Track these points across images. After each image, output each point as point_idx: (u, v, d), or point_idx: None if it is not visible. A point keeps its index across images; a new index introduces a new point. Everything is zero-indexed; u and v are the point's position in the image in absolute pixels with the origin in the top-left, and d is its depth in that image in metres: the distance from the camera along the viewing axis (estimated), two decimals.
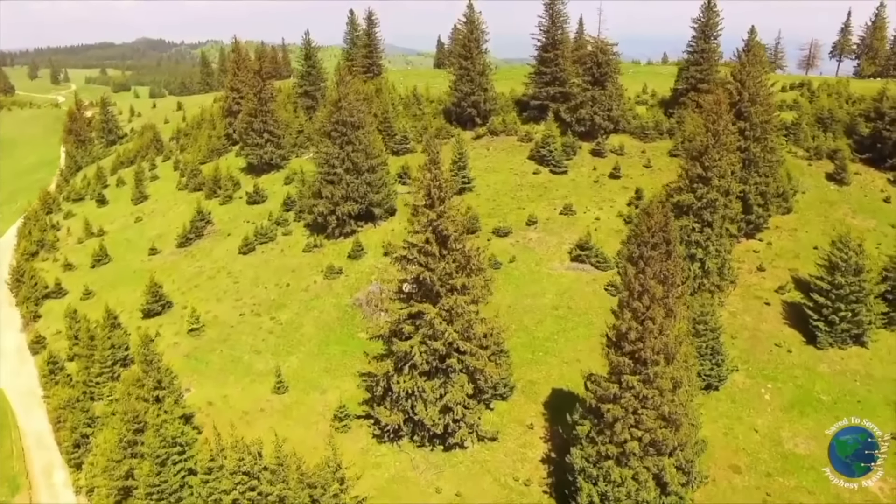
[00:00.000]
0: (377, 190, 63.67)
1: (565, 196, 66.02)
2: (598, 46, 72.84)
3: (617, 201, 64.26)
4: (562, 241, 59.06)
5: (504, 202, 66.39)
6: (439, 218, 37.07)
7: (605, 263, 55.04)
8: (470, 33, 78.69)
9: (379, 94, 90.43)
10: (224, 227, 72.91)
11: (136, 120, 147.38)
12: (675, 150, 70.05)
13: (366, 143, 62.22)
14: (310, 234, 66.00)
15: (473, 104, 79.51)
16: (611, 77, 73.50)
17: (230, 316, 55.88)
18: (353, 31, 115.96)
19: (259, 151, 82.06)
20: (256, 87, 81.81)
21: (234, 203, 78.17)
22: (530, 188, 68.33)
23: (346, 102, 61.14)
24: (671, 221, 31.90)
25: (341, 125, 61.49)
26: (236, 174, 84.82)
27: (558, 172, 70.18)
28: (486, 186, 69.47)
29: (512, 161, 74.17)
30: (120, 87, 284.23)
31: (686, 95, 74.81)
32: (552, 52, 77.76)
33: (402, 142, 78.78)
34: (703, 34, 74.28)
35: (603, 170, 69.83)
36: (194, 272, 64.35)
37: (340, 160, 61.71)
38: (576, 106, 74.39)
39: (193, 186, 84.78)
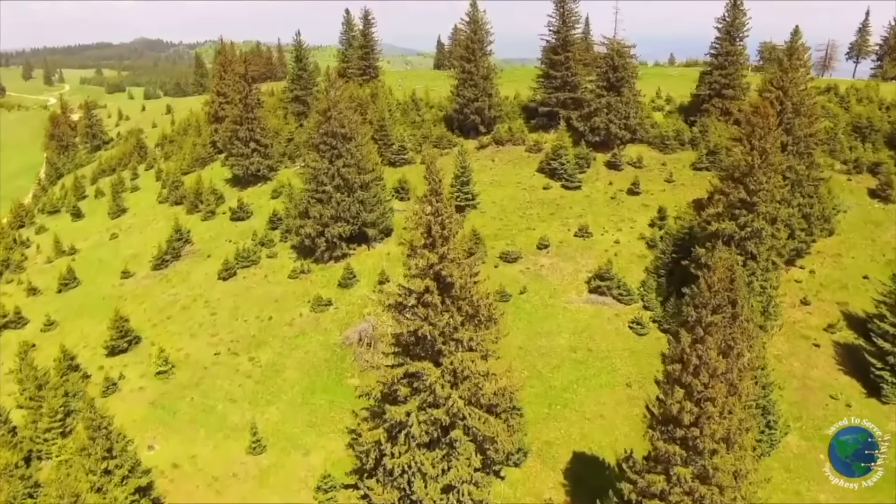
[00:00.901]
0: (371, 209, 56.69)
1: (580, 215, 59.07)
2: (613, 48, 65.80)
3: (637, 221, 57.32)
4: (578, 269, 52.13)
5: (512, 221, 59.42)
6: (442, 261, 30.12)
7: (629, 296, 48.11)
8: (473, 34, 71.63)
9: (375, 99, 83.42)
10: (204, 246, 65.89)
11: (124, 124, 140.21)
12: (699, 162, 63.17)
13: (358, 157, 55.24)
14: (296, 256, 59.04)
15: (477, 111, 72.49)
16: (628, 82, 66.49)
17: (204, 355, 48.93)
18: (348, 31, 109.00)
19: (244, 162, 75.04)
20: (242, 91, 74.76)
21: (217, 219, 71.14)
22: (541, 205, 61.34)
23: (336, 111, 54.14)
24: (739, 278, 24.92)
25: (331, 137, 54.50)
26: (220, 186, 77.77)
27: (571, 187, 63.19)
28: (492, 203, 62.49)
29: (520, 174, 67.18)
30: (114, 88, 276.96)
31: (709, 102, 67.83)
32: (562, 54, 70.72)
33: (399, 152, 71.79)
34: (728, 35, 67.28)
35: (620, 184, 62.86)
36: (168, 300, 57.35)
37: (330, 176, 54.71)
38: (589, 113, 67.38)
39: (174, 200, 77.75)
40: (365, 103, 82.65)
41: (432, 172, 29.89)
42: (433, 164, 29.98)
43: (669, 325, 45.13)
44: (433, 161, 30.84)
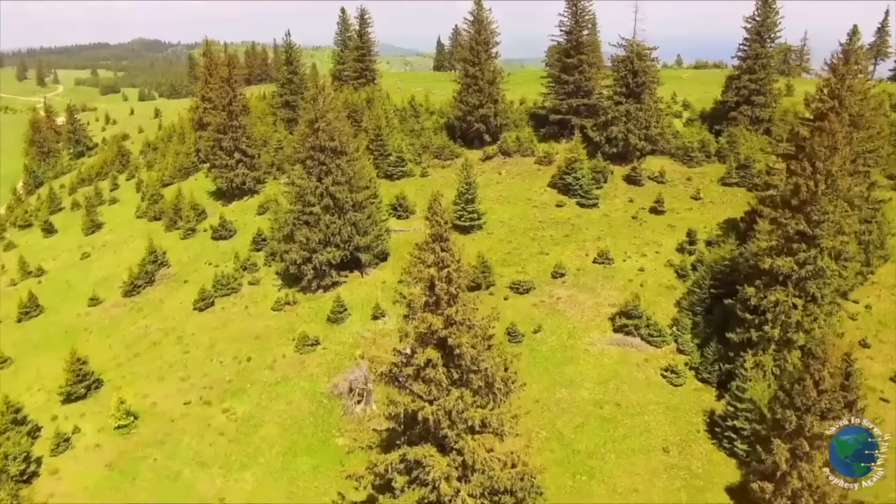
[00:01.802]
0: (365, 231, 49.95)
1: (598, 237, 52.37)
2: (633, 51, 59.01)
3: (663, 245, 50.61)
4: (599, 302, 45.44)
5: (522, 244, 52.69)
6: (448, 326, 23.42)
7: (659, 336, 41.42)
8: (477, 34, 64.78)
9: (371, 105, 76.64)
10: (181, 269, 59.10)
11: (111, 128, 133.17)
12: (729, 177, 56.46)
13: (350, 174, 48.47)
14: (281, 284, 52.32)
15: (482, 119, 65.70)
16: (648, 88, 59.74)
17: (173, 403, 42.19)
18: (343, 31, 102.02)
19: (229, 174, 68.22)
20: (225, 98, 67.96)
21: (197, 237, 64.34)
22: (554, 226, 54.59)
23: (324, 123, 47.38)
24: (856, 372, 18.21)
25: (319, 151, 47.76)
26: (203, 200, 70.92)
27: (587, 205, 56.47)
28: (500, 223, 55.74)
29: (530, 189, 60.41)
30: (108, 90, 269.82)
31: (737, 109, 61.06)
32: (575, 56, 63.94)
33: (397, 164, 65.00)
34: (759, 36, 60.49)
35: (642, 202, 56.15)
36: (137, 334, 50.58)
37: (318, 196, 47.98)
38: (606, 122, 60.60)
39: (153, 214, 70.95)
40: (360, 109, 75.99)
41: (436, 214, 23.11)
42: (437, 204, 23.20)
43: (710, 374, 38.51)
44: (437, 200, 24.03)
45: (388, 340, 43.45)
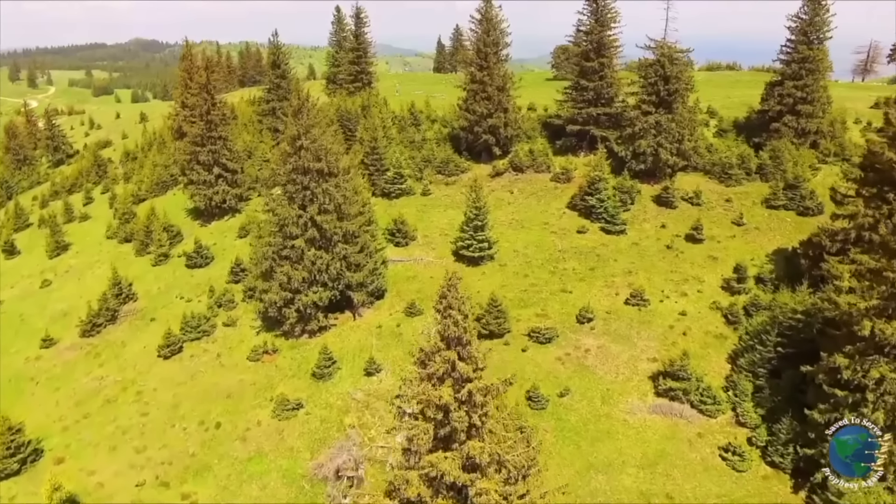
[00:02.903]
0: (357, 266, 42.11)
1: (628, 270, 44.59)
2: (664, 54, 51.15)
3: (706, 281, 42.83)
4: (636, 355, 37.65)
5: (541, 279, 44.87)
6: (470, 471, 15.69)
7: (714, 404, 33.63)
8: (486, 34, 56.81)
9: (366, 112, 68.79)
10: (150, 304, 51.19)
11: (95, 133, 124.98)
12: (774, 198, 48.67)
13: (339, 200, 40.58)
14: (261, 326, 44.49)
15: (491, 129, 57.79)
16: (681, 95, 51.92)
17: (123, 484, 34.31)
18: (339, 31, 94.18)
19: (207, 192, 60.27)
20: (203, 106, 59.97)
21: (170, 264, 56.40)
22: (577, 256, 46.77)
23: (308, 140, 39.47)
24: None
25: (302, 174, 39.88)
26: (179, 219, 63.02)
27: (613, 232, 48.65)
28: (514, 253, 47.90)
29: (546, 211, 52.54)
30: (101, 91, 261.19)
31: (780, 120, 53.20)
32: (596, 60, 56.03)
33: (395, 180, 57.09)
34: (805, 37, 52.59)
35: (675, 227, 48.35)
36: (91, 388, 42.71)
37: (301, 226, 40.11)
38: (632, 135, 52.73)
39: (123, 236, 63.02)
40: (354, 118, 68.14)
41: (451, 308, 15.30)
42: (454, 293, 15.47)
43: (782, 457, 30.75)
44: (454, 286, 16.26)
45: (384, 405, 35.74)
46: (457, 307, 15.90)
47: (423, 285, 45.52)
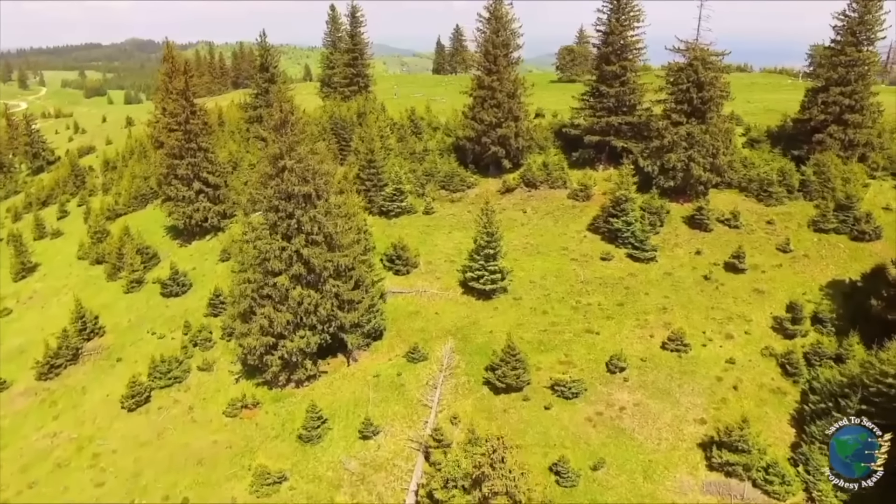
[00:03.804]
0: (351, 305, 35.89)
1: (663, 307, 38.46)
2: (697, 57, 45.01)
3: (753, 320, 36.76)
4: (680, 415, 31.56)
5: (562, 317, 38.70)
6: None
7: (782, 483, 27.53)
8: (495, 35, 50.54)
9: (362, 119, 62.52)
10: (117, 341, 44.92)
11: (79, 138, 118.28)
12: (823, 221, 42.65)
13: (330, 229, 34.33)
14: (241, 372, 38.24)
15: (500, 140, 51.58)
16: (716, 104, 45.81)
17: None
18: (333, 31, 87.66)
19: (187, 209, 53.91)
20: (182, 114, 53.60)
21: (144, 291, 50.13)
22: (602, 289, 40.61)
23: (293, 160, 33.20)
24: None
25: (286, 200, 33.62)
26: (156, 238, 56.79)
27: (642, 259, 42.52)
28: (530, 284, 41.70)
29: (564, 234, 46.36)
30: (93, 92, 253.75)
31: (825, 131, 47.13)
32: (617, 63, 49.87)
33: (394, 197, 50.84)
34: (854, 38, 46.45)
35: (712, 254, 42.25)
36: (41, 447, 36.40)
37: (285, 261, 33.86)
38: (660, 148, 46.58)
39: (95, 257, 56.67)
40: (349, 126, 61.91)
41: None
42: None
43: None
44: None
45: (383, 477, 29.63)
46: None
47: (428, 323, 39.32)
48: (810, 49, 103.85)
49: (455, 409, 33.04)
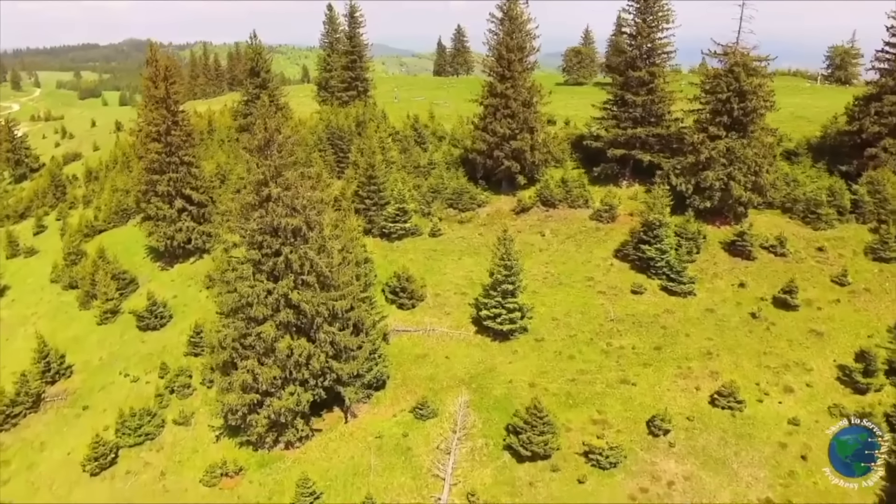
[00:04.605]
0: (349, 353, 30.51)
1: (707, 351, 33.14)
2: (738, 62, 39.62)
3: (814, 369, 31.46)
4: (741, 492, 26.19)
5: (591, 362, 33.35)
6: None
7: None
8: (509, 36, 45.10)
9: (362, 128, 57.12)
10: (86, 384, 39.49)
11: (66, 143, 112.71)
12: (884, 248, 37.33)
13: (322, 268, 28.90)
14: (222, 428, 32.85)
15: (515, 154, 46.19)
16: (758, 116, 40.46)
17: None
18: (331, 32, 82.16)
19: (168, 229, 48.46)
20: (162, 124, 48.14)
21: (119, 323, 44.72)
22: (635, 328, 35.25)
23: (279, 188, 27.78)
24: None
25: (272, 235, 28.20)
26: (136, 260, 51.44)
27: (679, 292, 37.14)
28: (553, 322, 36.31)
29: (589, 261, 40.96)
30: (88, 94, 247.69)
31: (878, 144, 41.80)
32: (644, 69, 44.54)
33: (397, 217, 45.41)
34: None
35: (758, 287, 36.88)
36: None
37: (271, 306, 28.47)
38: (695, 164, 41.21)
39: (68, 281, 51.22)
40: (347, 135, 56.50)
41: None
42: None
43: None
44: None
45: None
46: None
47: (438, 370, 33.97)
48: (828, 51, 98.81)
49: (472, 482, 27.72)
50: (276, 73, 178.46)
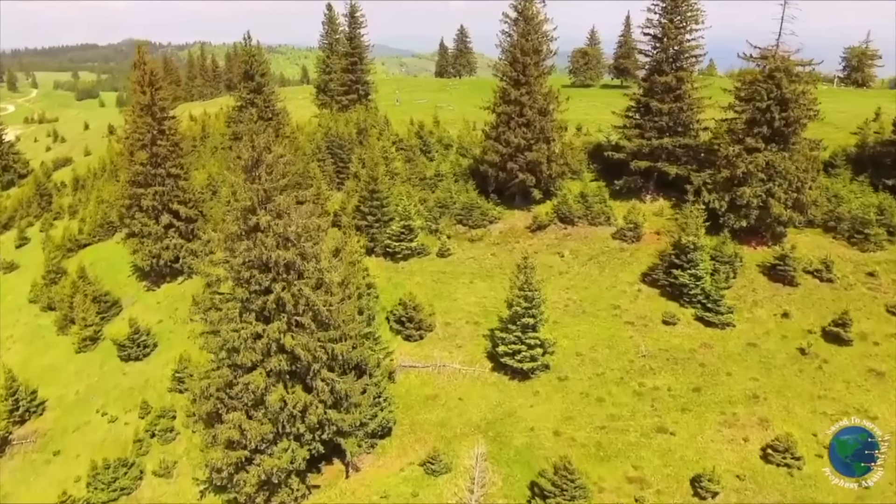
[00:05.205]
0: (350, 401, 26.52)
1: (753, 393, 29.19)
2: (779, 67, 35.65)
3: (879, 417, 27.56)
4: None
5: (623, 406, 29.38)
6: None
7: None
8: (524, 38, 41.02)
9: (363, 136, 53.11)
10: (59, 423, 35.48)
11: (58, 148, 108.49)
12: None
13: (322, 308, 24.88)
14: (207, 480, 28.88)
15: (530, 166, 42.16)
16: (801, 126, 36.49)
17: None
18: (330, 33, 78.03)
19: (154, 247, 44.42)
20: (147, 134, 44.10)
21: (99, 350, 40.72)
22: (669, 365, 31.29)
23: (269, 215, 23.76)
24: None
25: (262, 271, 24.17)
26: (120, 279, 47.44)
27: (716, 323, 33.18)
28: (577, 358, 32.33)
29: (614, 287, 36.93)
30: (85, 95, 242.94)
31: None
32: (672, 73, 40.56)
33: (401, 236, 41.32)
34: None
35: (804, 318, 32.96)
36: None
37: (261, 352, 24.45)
38: (730, 179, 37.22)
39: (47, 301, 47.19)
40: (348, 144, 52.47)
41: None
42: None
43: None
44: None
45: None
46: None
47: (450, 413, 30.03)
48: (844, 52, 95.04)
49: None
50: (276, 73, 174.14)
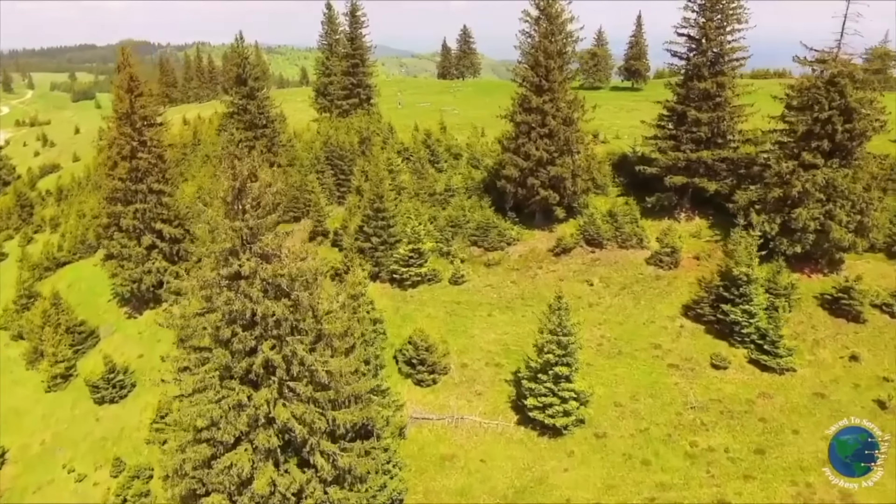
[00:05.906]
0: (354, 476, 21.89)
1: (825, 458, 24.64)
2: (842, 72, 31.03)
3: None
4: None
5: (672, 470, 24.76)
6: None
7: None
8: (546, 39, 36.30)
9: (366, 146, 48.41)
10: (18, 483, 30.73)
11: (46, 153, 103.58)
12: None
13: (320, 371, 20.23)
14: None
15: (553, 182, 37.44)
16: (865, 139, 31.90)
17: None
18: (330, 33, 73.37)
19: (135, 271, 39.69)
20: (126, 145, 39.36)
21: (71, 390, 36.02)
22: (723, 420, 26.62)
23: (255, 261, 19.09)
24: None
25: (245, 328, 19.46)
26: (100, 304, 42.75)
27: (774, 368, 28.58)
28: (616, 410, 27.68)
29: (652, 321, 32.25)
30: (81, 96, 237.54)
31: None
32: (711, 79, 35.91)
33: (409, 261, 36.59)
34: None
35: (877, 361, 28.40)
36: None
37: (250, 421, 19.78)
38: (782, 200, 32.60)
39: (17, 330, 42.43)
40: (349, 155, 47.80)
41: None
42: None
43: None
44: None
45: None
46: None
47: (471, 479, 25.36)
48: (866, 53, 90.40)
49: None
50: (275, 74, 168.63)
